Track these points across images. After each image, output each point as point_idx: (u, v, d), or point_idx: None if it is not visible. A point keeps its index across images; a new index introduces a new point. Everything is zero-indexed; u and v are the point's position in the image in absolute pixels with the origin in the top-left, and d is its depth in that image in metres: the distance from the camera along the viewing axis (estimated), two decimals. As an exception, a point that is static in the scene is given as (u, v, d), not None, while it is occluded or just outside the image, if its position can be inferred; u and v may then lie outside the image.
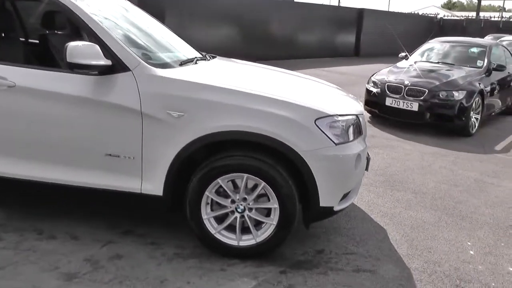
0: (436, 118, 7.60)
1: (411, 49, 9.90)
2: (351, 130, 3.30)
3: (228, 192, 3.18)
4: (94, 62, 3.03)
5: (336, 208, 3.30)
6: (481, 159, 6.51)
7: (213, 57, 4.28)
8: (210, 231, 3.26)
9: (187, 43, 4.42)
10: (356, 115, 3.44)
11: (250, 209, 3.23)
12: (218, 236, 3.27)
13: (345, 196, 3.36)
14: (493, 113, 8.86)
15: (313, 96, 3.55)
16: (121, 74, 3.14)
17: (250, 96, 3.12)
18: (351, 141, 3.28)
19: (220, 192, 3.26)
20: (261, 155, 3.11)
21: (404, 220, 4.24)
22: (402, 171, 5.69)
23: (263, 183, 3.11)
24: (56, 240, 3.41)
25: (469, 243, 3.88)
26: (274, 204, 3.16)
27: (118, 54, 3.14)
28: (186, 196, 3.20)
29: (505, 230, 4.21)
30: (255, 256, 3.31)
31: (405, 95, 7.73)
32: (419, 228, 4.10)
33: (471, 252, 3.72)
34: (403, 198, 4.79)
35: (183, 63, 3.59)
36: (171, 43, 4.11)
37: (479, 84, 7.89)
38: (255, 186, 3.21)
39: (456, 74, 8.08)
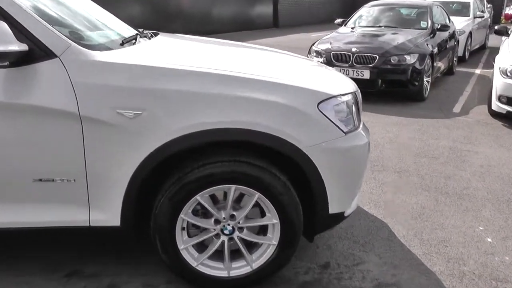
0: (389, 85, 7.12)
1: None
2: (354, 112, 2.59)
3: (210, 210, 2.38)
4: (2, 48, 2.06)
5: (347, 213, 2.61)
6: (445, 124, 6.11)
7: (156, 34, 3.36)
8: (190, 263, 2.45)
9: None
10: (355, 92, 2.73)
11: (241, 229, 2.46)
12: (201, 268, 2.47)
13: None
14: (438, 75, 8.58)
15: (301, 73, 2.79)
16: (44, 63, 2.19)
17: (230, 79, 2.31)
18: (358, 127, 2.58)
19: (198, 211, 2.45)
20: (252, 158, 2.33)
21: (400, 208, 3.65)
22: (373, 148, 5.12)
23: (257, 194, 2.33)
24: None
25: (481, 228, 3.36)
26: (272, 219, 2.41)
27: (38, 35, 2.19)
28: (154, 223, 2.36)
29: (508, 205, 3.75)
30: (251, 285, 2.55)
31: (354, 63, 7.17)
32: (421, 216, 3.52)
33: (489, 240, 3.19)
34: (388, 180, 4.20)
35: (124, 42, 2.68)
36: (100, 18, 3.13)
37: (427, 45, 7.51)
38: (240, 198, 2.44)
39: (403, 37, 7.62)
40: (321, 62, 7.43)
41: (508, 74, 5.90)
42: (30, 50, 2.16)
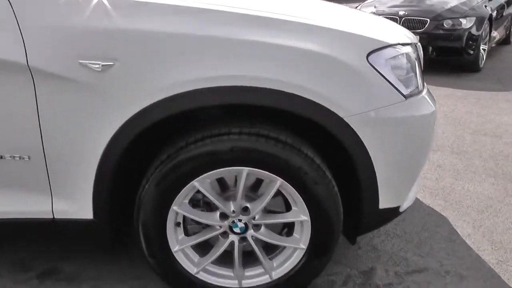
0: (441, 53, 6.25)
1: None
2: (417, 69, 1.87)
3: (214, 201, 1.72)
4: None
5: (403, 207, 1.91)
6: (506, 98, 5.26)
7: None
8: (188, 270, 1.82)
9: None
10: (415, 44, 2.01)
11: (257, 226, 1.80)
12: (202, 276, 1.85)
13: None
14: (493, 45, 7.60)
15: (345, 17, 2.07)
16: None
17: (242, 18, 1.62)
18: (422, 90, 1.87)
19: (200, 200, 1.81)
20: (273, 130, 1.66)
21: (462, 198, 2.91)
22: (422, 123, 4.34)
23: (279, 181, 1.66)
24: None
25: None
26: (300, 215, 1.74)
27: None
28: (138, 217, 1.73)
29: None
30: (269, 302, 1.91)
31: (401, 28, 6.31)
32: (489, 209, 2.78)
33: None
34: (445, 162, 3.46)
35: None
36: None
37: (486, 7, 6.57)
38: (258, 183, 1.79)
39: (456, -1, 6.69)
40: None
41: None
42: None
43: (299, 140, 1.67)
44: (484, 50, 6.57)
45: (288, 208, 1.80)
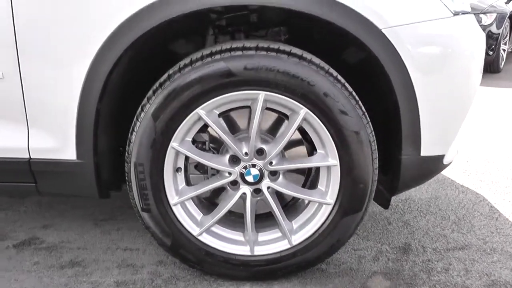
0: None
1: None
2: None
3: (222, 136, 1.40)
4: None
5: (447, 159, 1.59)
6: (532, 95, 4.95)
7: None
8: (189, 229, 1.49)
9: None
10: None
11: (274, 174, 1.48)
12: (206, 239, 1.51)
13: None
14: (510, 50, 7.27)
15: None
16: None
17: None
18: (470, 12, 1.58)
19: (205, 143, 1.51)
20: (296, 46, 1.36)
21: (499, 179, 2.58)
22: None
23: (303, 110, 1.35)
24: None
25: None
26: (328, 159, 1.41)
27: None
28: (129, 157, 1.41)
29: None
30: (289, 274, 1.58)
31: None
32: (532, 189, 2.45)
33: None
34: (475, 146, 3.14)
35: None
36: None
37: (506, 5, 6.31)
38: (280, 120, 1.48)
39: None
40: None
41: None
42: None
43: (322, 59, 1.37)
44: (504, 50, 6.27)
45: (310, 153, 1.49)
